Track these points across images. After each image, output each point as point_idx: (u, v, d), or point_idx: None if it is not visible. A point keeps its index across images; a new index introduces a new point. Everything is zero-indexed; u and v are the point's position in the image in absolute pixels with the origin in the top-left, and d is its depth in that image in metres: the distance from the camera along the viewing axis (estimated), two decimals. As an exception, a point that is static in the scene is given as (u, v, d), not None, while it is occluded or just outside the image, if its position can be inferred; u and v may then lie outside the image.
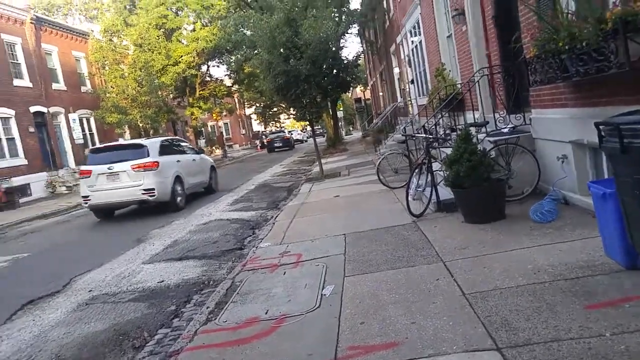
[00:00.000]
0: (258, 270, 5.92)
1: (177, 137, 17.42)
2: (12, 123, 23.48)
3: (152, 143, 13.01)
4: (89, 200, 12.37)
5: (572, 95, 5.68)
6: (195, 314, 4.97)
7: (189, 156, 14.49)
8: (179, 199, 12.82)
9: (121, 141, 17.99)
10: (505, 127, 7.28)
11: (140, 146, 12.70)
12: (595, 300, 3.49)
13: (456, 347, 3.22)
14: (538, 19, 5.55)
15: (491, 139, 7.12)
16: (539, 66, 5.44)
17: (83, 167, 12.97)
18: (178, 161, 13.36)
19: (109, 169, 12.13)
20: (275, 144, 42.84)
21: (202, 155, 15.91)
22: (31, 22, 25.86)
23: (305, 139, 57.51)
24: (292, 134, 52.52)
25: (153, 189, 11.99)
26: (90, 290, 6.54)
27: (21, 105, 24.14)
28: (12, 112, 23.43)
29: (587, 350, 2.89)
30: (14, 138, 23.48)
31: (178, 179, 12.89)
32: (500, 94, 8.25)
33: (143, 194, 12.01)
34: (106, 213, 13.04)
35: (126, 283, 6.67)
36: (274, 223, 8.93)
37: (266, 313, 4.47)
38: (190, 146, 16.21)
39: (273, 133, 50.05)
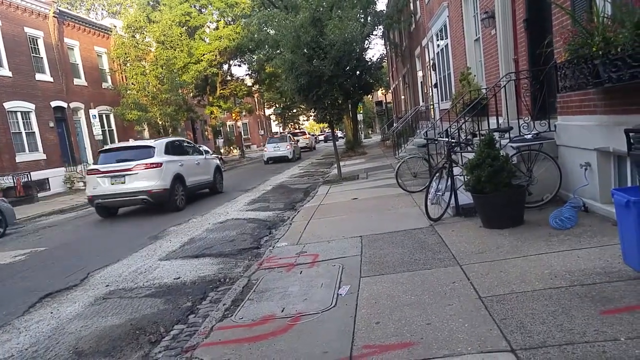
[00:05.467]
0: (274, 269, 5.95)
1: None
2: (32, 117, 23.57)
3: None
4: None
5: (601, 102, 5.60)
6: (212, 310, 5.00)
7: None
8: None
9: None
10: (528, 134, 7.21)
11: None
12: (612, 306, 3.48)
13: (471, 348, 3.23)
14: (572, 23, 5.41)
15: (514, 144, 7.06)
16: (570, 72, 5.34)
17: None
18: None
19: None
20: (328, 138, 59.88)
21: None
22: (54, 16, 25.82)
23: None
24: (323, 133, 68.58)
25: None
26: (107, 285, 6.62)
27: (42, 99, 24.25)
28: (33, 106, 23.54)
29: (602, 353, 2.89)
30: (34, 132, 23.61)
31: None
32: (526, 99, 8.15)
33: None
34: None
35: (143, 279, 6.73)
36: (290, 224, 8.95)
37: (282, 311, 4.49)
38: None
39: (322, 132, 69.70)
